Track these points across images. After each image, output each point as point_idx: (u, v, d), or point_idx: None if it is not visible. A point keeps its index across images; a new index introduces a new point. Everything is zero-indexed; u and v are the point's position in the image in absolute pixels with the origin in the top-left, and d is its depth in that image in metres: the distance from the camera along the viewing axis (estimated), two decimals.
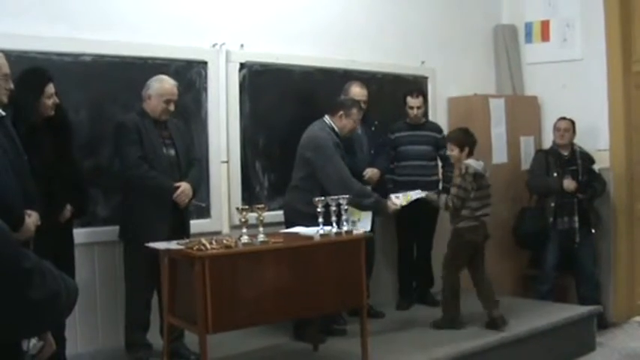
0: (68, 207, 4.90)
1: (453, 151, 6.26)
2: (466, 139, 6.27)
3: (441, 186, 7.08)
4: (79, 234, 5.24)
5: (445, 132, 7.48)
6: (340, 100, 6.15)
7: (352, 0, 7.23)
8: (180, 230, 5.30)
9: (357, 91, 6.52)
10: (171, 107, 5.35)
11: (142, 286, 5.32)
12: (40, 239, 4.22)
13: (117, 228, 5.41)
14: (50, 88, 4.73)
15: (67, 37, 5.36)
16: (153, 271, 5.25)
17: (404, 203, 6.04)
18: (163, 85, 5.35)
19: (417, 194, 6.11)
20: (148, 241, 5.02)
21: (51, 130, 4.78)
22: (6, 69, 4.14)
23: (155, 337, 5.38)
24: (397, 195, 6.11)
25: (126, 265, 5.39)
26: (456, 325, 6.27)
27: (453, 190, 6.17)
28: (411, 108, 7.01)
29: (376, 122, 6.80)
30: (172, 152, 5.40)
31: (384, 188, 6.88)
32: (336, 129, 5.99)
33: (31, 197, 4.19)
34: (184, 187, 5.31)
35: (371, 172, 6.45)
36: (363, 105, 6.29)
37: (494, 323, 6.16)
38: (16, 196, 4.00)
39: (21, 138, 4.26)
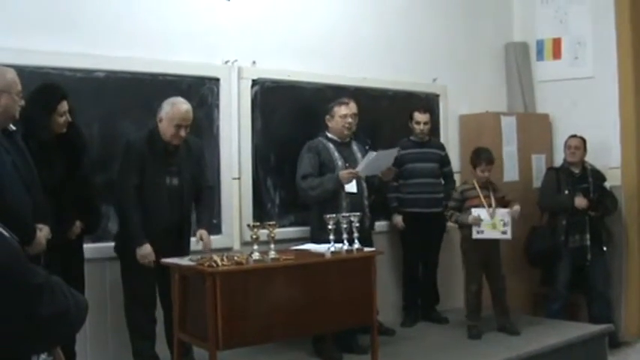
0: (77, 223, 4.90)
1: (490, 171, 6.62)
2: None
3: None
4: (91, 250, 5.25)
5: (455, 149, 7.53)
6: (323, 109, 6.25)
7: (364, 17, 7.25)
8: (177, 247, 5.27)
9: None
10: (182, 133, 5.24)
11: (140, 298, 5.32)
12: (50, 255, 4.24)
13: None
14: (63, 106, 4.72)
15: (81, 53, 5.38)
16: (152, 284, 5.31)
17: (362, 172, 6.00)
18: (175, 108, 5.24)
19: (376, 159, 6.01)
20: (134, 257, 5.13)
21: (62, 147, 4.78)
22: (19, 86, 4.17)
23: (164, 351, 5.40)
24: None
25: (123, 277, 5.38)
26: (472, 334, 6.53)
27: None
28: (418, 123, 7.01)
29: (369, 140, 6.75)
30: (175, 182, 5.34)
31: (388, 206, 6.91)
32: (329, 135, 6.13)
33: (42, 211, 4.21)
34: (148, 258, 5.16)
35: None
36: (350, 118, 6.16)
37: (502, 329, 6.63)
38: (27, 210, 4.03)
39: (32, 153, 4.28)
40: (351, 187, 5.95)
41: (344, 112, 6.08)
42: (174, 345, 5.10)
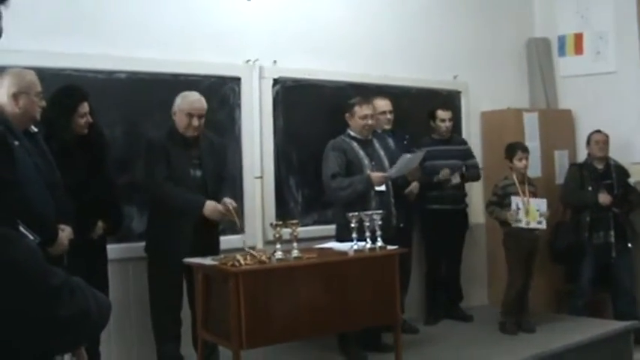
0: (100, 224, 4.93)
1: (527, 160, 6.78)
2: None
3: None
4: (114, 250, 5.27)
5: (477, 146, 7.52)
6: (344, 106, 6.19)
7: (385, 15, 7.23)
8: (208, 247, 5.24)
9: (379, 103, 6.50)
10: (195, 122, 5.26)
11: (167, 299, 5.33)
12: (73, 255, 4.26)
13: None
14: (83, 107, 4.75)
15: (102, 55, 5.41)
16: (179, 285, 5.31)
17: (394, 175, 6.00)
18: (186, 99, 5.30)
19: (408, 162, 6.01)
20: (170, 257, 5.12)
21: (84, 148, 4.81)
22: (38, 87, 4.19)
23: (189, 351, 5.40)
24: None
25: (150, 278, 5.39)
26: (506, 330, 6.57)
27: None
28: (443, 121, 7.01)
29: (407, 136, 6.77)
30: (199, 173, 5.36)
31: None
32: (352, 133, 6.06)
33: (65, 211, 4.23)
34: (217, 209, 5.19)
35: (412, 186, 6.46)
36: (370, 120, 6.16)
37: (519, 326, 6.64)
38: (49, 211, 4.04)
39: (53, 155, 4.30)
40: (381, 186, 5.95)
41: (364, 113, 6.02)
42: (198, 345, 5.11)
